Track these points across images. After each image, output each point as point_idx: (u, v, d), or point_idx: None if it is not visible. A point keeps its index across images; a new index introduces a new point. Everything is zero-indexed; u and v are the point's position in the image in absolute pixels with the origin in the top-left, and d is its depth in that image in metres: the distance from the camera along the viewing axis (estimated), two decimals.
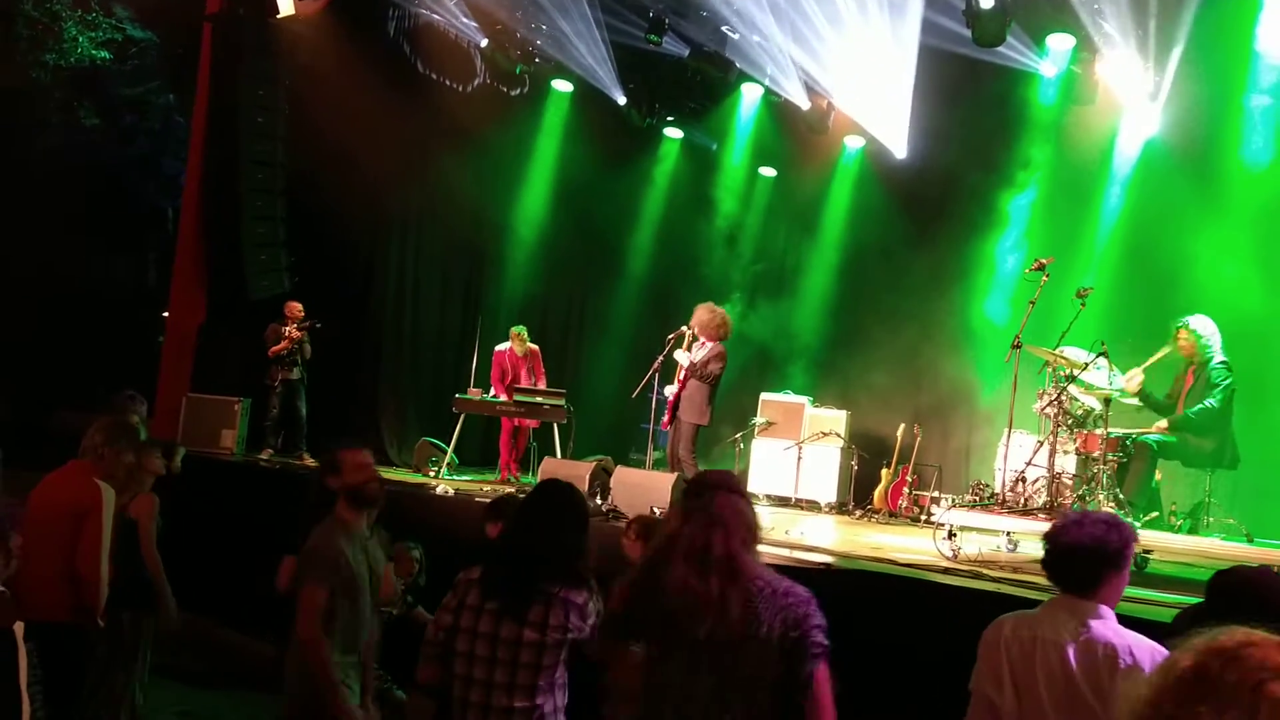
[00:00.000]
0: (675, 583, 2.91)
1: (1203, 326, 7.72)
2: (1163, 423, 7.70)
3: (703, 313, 8.89)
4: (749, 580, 2.94)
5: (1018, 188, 10.79)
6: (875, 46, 10.31)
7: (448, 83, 11.58)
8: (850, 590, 5.51)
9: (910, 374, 11.21)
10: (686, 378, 8.81)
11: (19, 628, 2.13)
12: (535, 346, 10.91)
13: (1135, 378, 7.82)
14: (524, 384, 10.57)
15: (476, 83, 11.73)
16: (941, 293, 11.09)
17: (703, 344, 8.84)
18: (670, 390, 8.98)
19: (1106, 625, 2.95)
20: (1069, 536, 3.04)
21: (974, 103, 10.50)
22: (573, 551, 3.49)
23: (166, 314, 12.27)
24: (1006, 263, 10.79)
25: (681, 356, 8.86)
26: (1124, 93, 9.95)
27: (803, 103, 11.86)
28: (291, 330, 10.37)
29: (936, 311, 11.02)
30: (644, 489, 7.98)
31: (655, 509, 7.76)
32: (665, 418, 9.11)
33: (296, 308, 10.53)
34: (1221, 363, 7.58)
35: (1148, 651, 2.79)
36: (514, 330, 10.82)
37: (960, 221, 11.00)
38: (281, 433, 10.50)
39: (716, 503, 3.05)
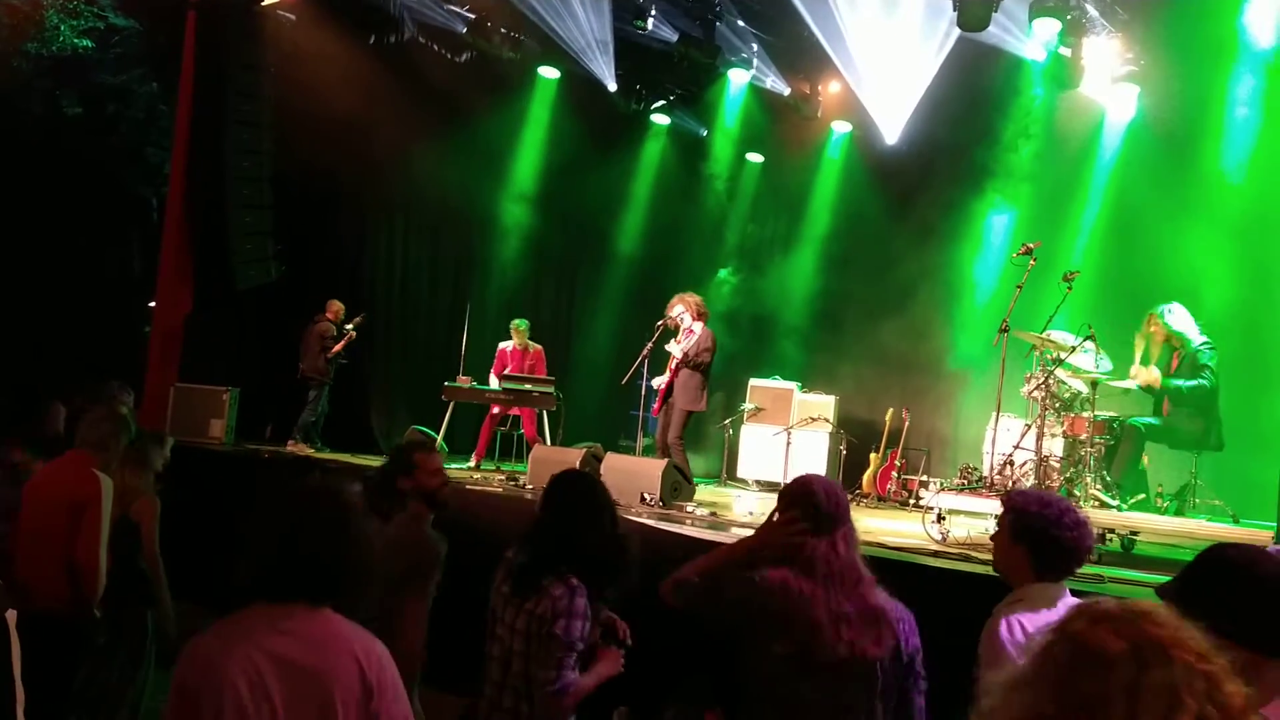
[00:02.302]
0: (816, 598, 2.92)
1: (1173, 313, 7.74)
2: (1155, 374, 7.67)
3: (676, 305, 8.95)
4: (876, 598, 2.98)
5: (1004, 172, 10.84)
6: (899, 31, 10.25)
7: (435, 70, 11.52)
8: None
9: (898, 359, 11.27)
10: (679, 368, 8.84)
11: (11, 616, 2.13)
12: (539, 347, 10.88)
13: (1148, 373, 7.76)
14: None
15: (463, 70, 11.68)
16: (928, 277, 11.14)
17: (690, 331, 8.87)
18: (659, 381, 9.01)
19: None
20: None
21: (960, 87, 10.51)
22: (575, 543, 3.46)
23: (153, 304, 12.20)
24: (993, 247, 10.85)
25: (675, 348, 8.88)
26: (1110, 77, 9.99)
27: (784, 88, 11.90)
28: (350, 331, 10.64)
29: (923, 296, 11.08)
30: (634, 475, 8.01)
31: (645, 495, 7.82)
32: (656, 405, 9.14)
33: (339, 306, 10.79)
34: (1205, 343, 7.62)
35: None
36: (513, 325, 10.80)
37: (947, 206, 11.05)
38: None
39: (839, 516, 3.06)
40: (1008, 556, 3.18)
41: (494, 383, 10.58)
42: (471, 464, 10.30)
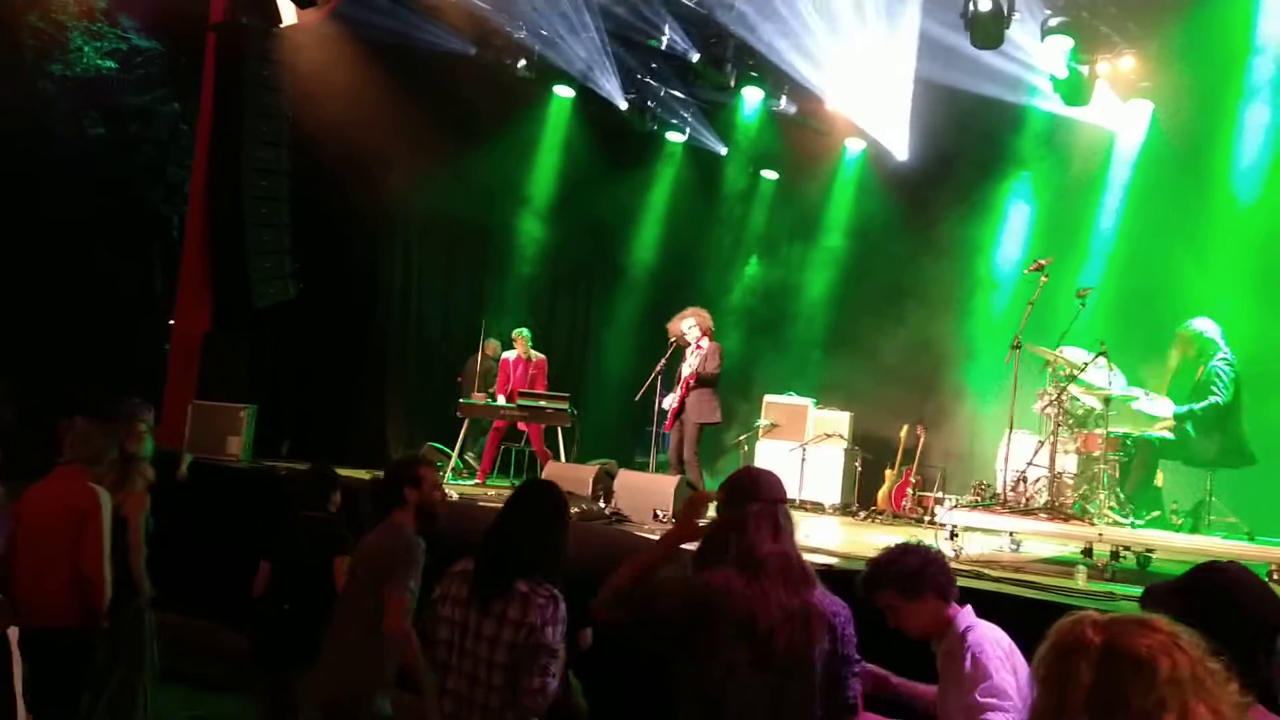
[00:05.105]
0: (766, 597, 2.88)
1: (1203, 326, 7.70)
2: (1168, 419, 7.66)
3: (688, 318, 9.00)
4: (820, 593, 2.96)
5: (1018, 188, 10.85)
6: (873, 51, 10.38)
7: (451, 89, 11.62)
8: (852, 590, 5.54)
9: (913, 375, 11.23)
10: (690, 385, 8.89)
11: (13, 633, 2.17)
12: (543, 357, 10.91)
13: (1166, 406, 7.73)
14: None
15: (479, 89, 11.77)
16: (943, 293, 11.11)
17: (698, 347, 8.94)
18: (669, 400, 9.05)
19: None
20: None
21: (973, 104, 10.53)
22: (544, 549, 3.52)
23: (172, 321, 12.31)
24: (1007, 264, 10.83)
25: (686, 370, 8.97)
26: (1122, 93, 9.98)
27: (793, 108, 11.97)
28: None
29: (939, 312, 11.04)
30: (647, 492, 8.03)
31: (658, 512, 7.84)
32: (668, 422, 9.18)
33: (496, 345, 11.13)
34: (1224, 359, 7.56)
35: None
36: (515, 334, 10.86)
37: (962, 222, 11.04)
38: None
39: (778, 507, 3.08)
40: (925, 614, 3.28)
41: (500, 399, 10.65)
42: (477, 481, 10.32)
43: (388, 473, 4.60)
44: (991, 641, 3.19)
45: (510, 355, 10.83)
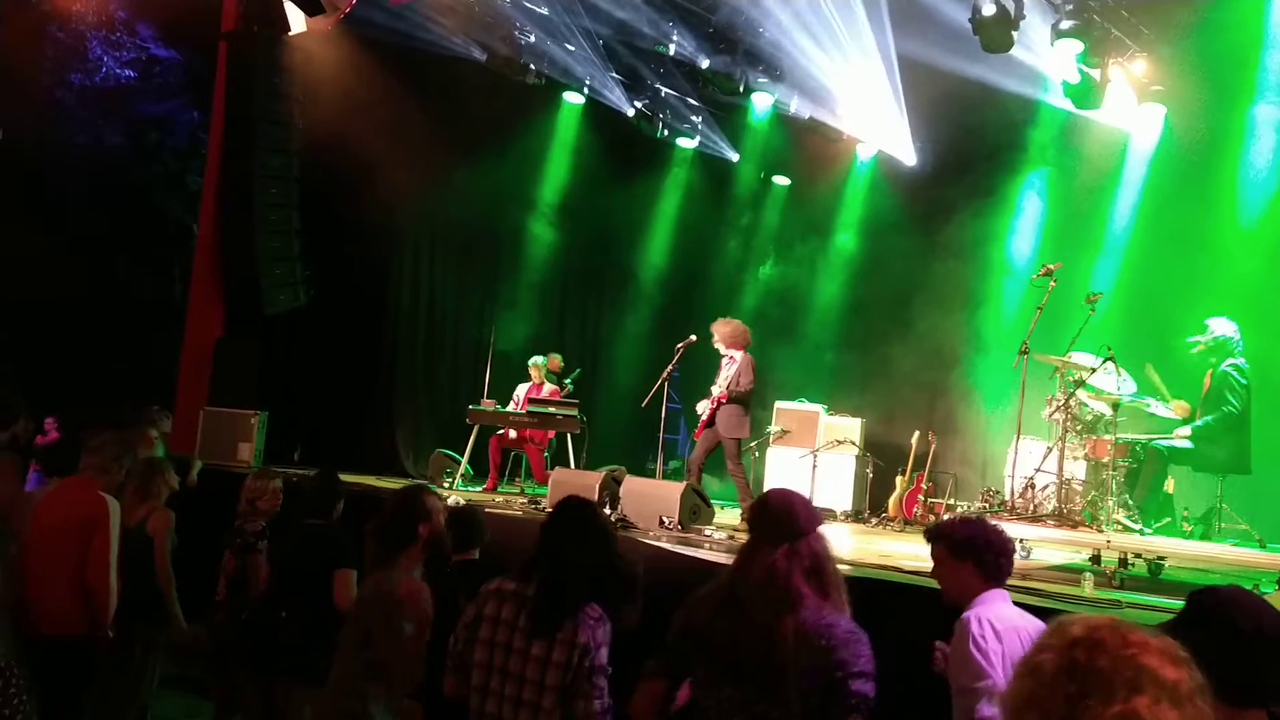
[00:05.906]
0: (724, 615, 2.94)
1: (1223, 329, 7.60)
2: (1185, 429, 7.58)
3: (722, 327, 9.01)
4: (801, 616, 2.88)
5: (1033, 183, 10.78)
6: (864, 61, 10.41)
7: (460, 96, 11.65)
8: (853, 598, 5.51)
9: (925, 381, 11.18)
10: (722, 400, 8.87)
11: None
12: (556, 387, 10.89)
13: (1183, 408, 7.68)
14: None
15: (488, 96, 11.80)
16: (955, 298, 11.06)
17: (731, 359, 8.92)
18: (702, 406, 9.04)
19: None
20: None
21: (984, 110, 10.48)
22: (604, 572, 3.44)
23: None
24: (1018, 269, 10.77)
25: (716, 389, 8.96)
26: (1133, 97, 9.90)
27: (804, 112, 11.97)
28: (569, 385, 11.02)
29: (950, 318, 10.98)
30: (653, 498, 8.00)
31: (664, 518, 7.81)
32: (698, 429, 9.17)
33: (559, 360, 11.14)
34: (1234, 364, 7.48)
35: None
36: (531, 363, 10.87)
37: (972, 228, 10.97)
38: None
39: (786, 531, 3.01)
40: (956, 576, 3.45)
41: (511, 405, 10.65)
42: (484, 488, 10.33)
43: (395, 509, 4.04)
44: (981, 620, 3.28)
45: (523, 387, 10.82)
